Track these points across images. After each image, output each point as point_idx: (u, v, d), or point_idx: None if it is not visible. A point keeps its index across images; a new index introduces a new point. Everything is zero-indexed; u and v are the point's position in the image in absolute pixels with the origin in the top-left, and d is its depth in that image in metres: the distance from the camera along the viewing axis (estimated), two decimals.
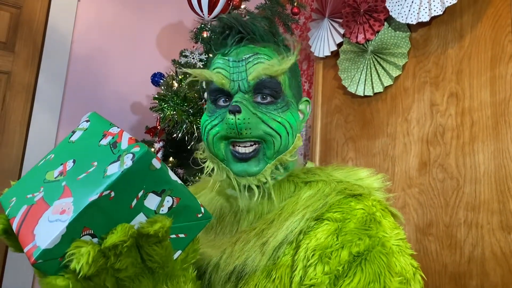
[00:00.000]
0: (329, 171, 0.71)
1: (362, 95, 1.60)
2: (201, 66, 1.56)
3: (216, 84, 0.68)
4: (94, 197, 0.41)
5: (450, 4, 1.27)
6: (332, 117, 1.81)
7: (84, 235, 0.41)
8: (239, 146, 0.67)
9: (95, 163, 0.45)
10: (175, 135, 1.44)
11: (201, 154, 0.74)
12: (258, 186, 0.68)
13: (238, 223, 0.69)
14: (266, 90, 0.67)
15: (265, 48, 0.69)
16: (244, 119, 0.64)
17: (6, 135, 1.82)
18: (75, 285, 0.40)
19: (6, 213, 0.47)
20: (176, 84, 1.51)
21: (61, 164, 0.49)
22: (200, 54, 1.58)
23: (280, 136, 0.67)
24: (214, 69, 0.70)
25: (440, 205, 1.31)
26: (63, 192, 0.44)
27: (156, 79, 1.62)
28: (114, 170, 0.43)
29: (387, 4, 1.46)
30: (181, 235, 0.50)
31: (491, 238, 1.16)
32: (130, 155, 0.43)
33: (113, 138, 0.48)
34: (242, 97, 0.66)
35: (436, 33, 1.41)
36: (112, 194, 0.42)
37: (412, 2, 1.38)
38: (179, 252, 0.50)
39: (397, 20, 1.42)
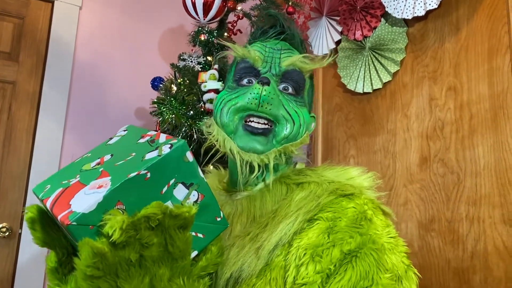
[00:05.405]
0: (320, 172, 0.71)
1: (362, 92, 1.60)
2: (199, 69, 1.57)
3: (248, 60, 0.71)
4: (132, 174, 0.44)
5: None
6: (333, 115, 1.80)
7: (117, 208, 0.44)
8: (253, 121, 0.68)
9: (133, 154, 0.49)
10: None
11: (207, 127, 0.75)
12: (259, 166, 0.68)
13: (231, 227, 0.69)
14: (292, 81, 0.71)
15: (297, 51, 0.75)
16: (269, 93, 0.67)
17: (13, 143, 1.85)
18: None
19: (40, 196, 0.49)
20: (175, 88, 1.52)
21: (99, 158, 0.52)
22: (198, 57, 1.59)
23: (294, 123, 0.69)
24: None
25: (441, 200, 1.30)
26: (100, 174, 0.47)
27: (155, 83, 1.64)
28: (152, 155, 0.47)
29: (383, 0, 1.46)
30: (200, 235, 0.52)
31: (493, 232, 1.15)
32: (168, 145, 0.48)
33: (151, 137, 0.52)
34: (271, 77, 0.70)
35: (433, 27, 1.40)
36: (148, 175, 0.45)
37: None
38: (195, 252, 0.52)
39: (393, 15, 1.41)
